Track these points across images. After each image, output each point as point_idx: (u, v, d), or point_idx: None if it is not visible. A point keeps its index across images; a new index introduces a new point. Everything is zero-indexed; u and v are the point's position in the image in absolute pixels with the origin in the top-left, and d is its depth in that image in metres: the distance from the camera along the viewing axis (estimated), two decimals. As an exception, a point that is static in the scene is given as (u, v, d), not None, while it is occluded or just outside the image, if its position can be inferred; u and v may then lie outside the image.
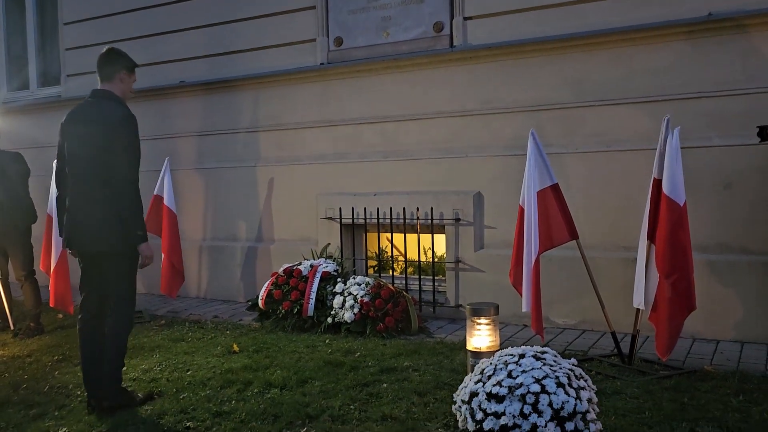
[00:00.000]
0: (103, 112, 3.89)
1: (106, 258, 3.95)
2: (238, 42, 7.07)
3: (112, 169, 3.80)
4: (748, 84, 4.89)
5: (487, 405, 2.93)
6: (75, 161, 3.95)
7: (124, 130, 3.83)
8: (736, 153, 4.92)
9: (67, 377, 4.60)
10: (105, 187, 3.83)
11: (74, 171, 3.95)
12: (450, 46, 6.00)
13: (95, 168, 3.84)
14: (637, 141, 5.21)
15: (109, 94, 3.99)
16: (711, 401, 3.65)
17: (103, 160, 3.81)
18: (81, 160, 3.92)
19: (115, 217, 3.83)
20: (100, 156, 3.82)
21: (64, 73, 8.44)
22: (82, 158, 3.91)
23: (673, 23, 5.05)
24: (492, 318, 3.88)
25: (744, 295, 4.88)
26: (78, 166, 3.93)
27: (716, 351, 4.68)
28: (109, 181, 3.82)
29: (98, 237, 3.89)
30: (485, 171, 5.85)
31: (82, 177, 3.91)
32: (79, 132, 3.93)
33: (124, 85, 4.06)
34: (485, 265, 5.83)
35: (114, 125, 3.82)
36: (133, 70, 4.12)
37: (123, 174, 3.80)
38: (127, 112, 3.89)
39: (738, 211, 4.94)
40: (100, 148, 3.82)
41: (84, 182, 3.90)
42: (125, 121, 3.85)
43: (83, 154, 3.90)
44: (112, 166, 3.80)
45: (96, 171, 3.84)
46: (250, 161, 7.09)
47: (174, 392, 4.17)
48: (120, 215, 3.82)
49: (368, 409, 3.75)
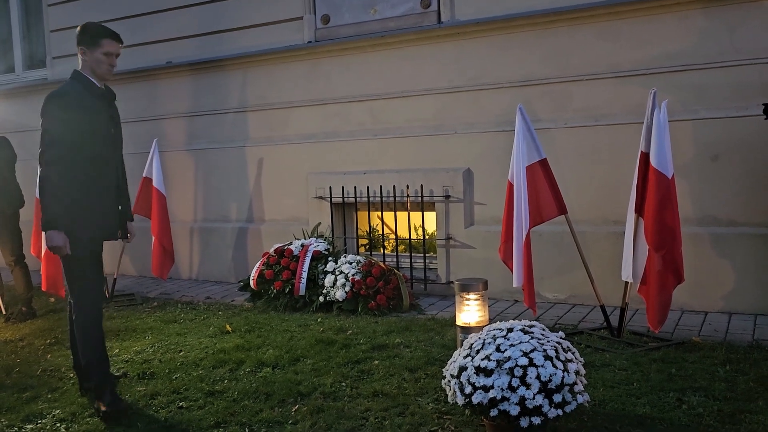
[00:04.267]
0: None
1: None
2: (226, 21, 7.00)
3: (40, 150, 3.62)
4: (735, 56, 4.89)
5: (475, 379, 2.95)
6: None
7: (43, 110, 3.60)
8: (723, 125, 4.93)
9: (59, 360, 4.61)
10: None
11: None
12: (437, 22, 5.97)
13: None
14: (624, 115, 5.21)
15: (71, 73, 3.77)
16: (698, 371, 3.69)
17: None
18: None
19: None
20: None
21: (50, 56, 8.36)
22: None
23: (660, -4, 5.03)
24: (481, 293, 3.90)
25: (732, 266, 4.91)
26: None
27: (704, 322, 4.73)
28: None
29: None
30: (474, 147, 5.85)
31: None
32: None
33: (86, 61, 3.71)
34: (476, 242, 5.85)
35: (42, 106, 3.63)
36: (92, 44, 3.69)
37: (40, 155, 3.58)
38: (55, 91, 3.65)
39: (725, 183, 4.96)
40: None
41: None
42: (46, 101, 3.61)
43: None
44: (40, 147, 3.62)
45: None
46: (240, 141, 7.07)
47: (167, 373, 4.19)
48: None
49: (359, 385, 3.77)
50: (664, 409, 3.25)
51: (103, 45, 3.69)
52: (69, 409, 3.70)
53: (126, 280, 7.37)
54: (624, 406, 3.31)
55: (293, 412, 3.47)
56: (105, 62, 3.71)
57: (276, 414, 3.47)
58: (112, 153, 3.81)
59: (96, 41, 3.70)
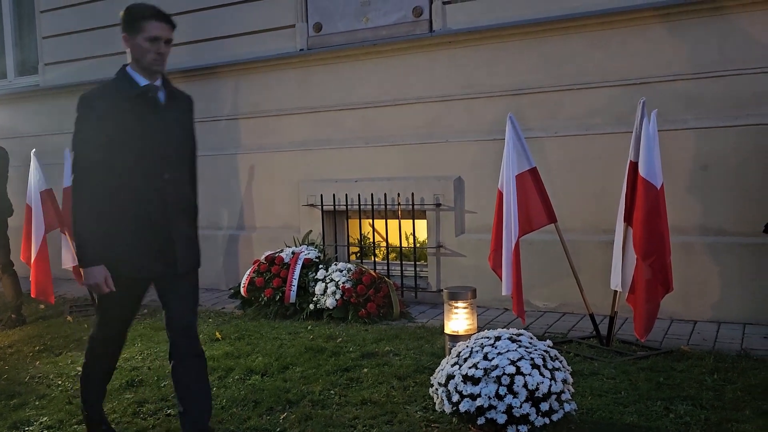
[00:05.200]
0: None
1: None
2: (218, 28, 7.01)
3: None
4: (725, 66, 4.92)
5: (463, 387, 2.95)
6: None
7: (76, 119, 2.95)
8: (713, 135, 4.96)
9: (47, 367, 4.59)
10: None
11: None
12: (429, 31, 5.99)
13: None
14: (615, 124, 5.23)
15: (118, 70, 3.09)
16: (686, 380, 3.70)
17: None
18: None
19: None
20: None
21: (42, 62, 8.35)
22: None
23: (650, 6, 5.06)
24: (469, 302, 3.91)
25: (721, 276, 4.93)
26: None
27: (693, 331, 4.74)
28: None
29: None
30: (466, 156, 5.86)
31: None
32: None
33: (131, 50, 3.02)
34: (466, 250, 5.86)
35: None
36: (133, 28, 3.00)
37: (72, 173, 2.98)
38: (84, 93, 2.96)
39: (714, 193, 4.98)
40: None
41: None
42: (76, 106, 2.96)
43: None
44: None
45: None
46: (231, 148, 7.07)
47: (155, 380, 4.18)
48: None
49: (348, 393, 3.77)
50: (651, 417, 3.26)
51: (146, 29, 2.97)
52: (57, 417, 3.68)
53: (117, 286, 7.33)
54: (611, 414, 3.31)
55: (281, 420, 3.47)
56: (150, 50, 2.95)
57: (264, 422, 3.46)
58: (164, 167, 3.00)
59: (138, 25, 2.99)
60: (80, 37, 7.93)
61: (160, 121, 3.00)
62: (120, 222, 2.95)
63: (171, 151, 3.05)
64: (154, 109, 3.00)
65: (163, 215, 3.01)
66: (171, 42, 3.05)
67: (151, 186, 2.97)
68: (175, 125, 3.09)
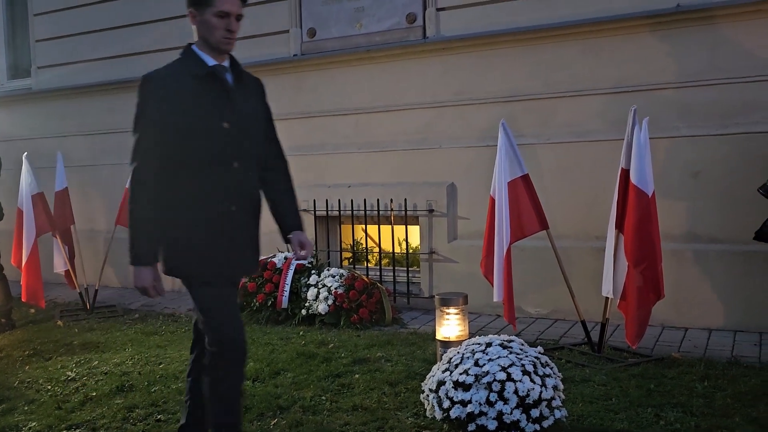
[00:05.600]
0: None
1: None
2: (211, 33, 7.00)
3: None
4: (716, 75, 4.95)
5: (454, 393, 2.96)
6: None
7: (136, 99, 2.70)
8: (704, 143, 4.98)
9: (37, 372, 4.56)
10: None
11: None
12: (423, 37, 6.01)
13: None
14: (607, 131, 5.25)
15: (183, 49, 2.82)
16: (677, 387, 3.71)
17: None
18: None
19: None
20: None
21: (35, 65, 8.33)
22: None
23: (641, 14, 5.09)
24: (461, 308, 3.91)
25: (712, 283, 4.95)
26: None
27: (684, 338, 4.75)
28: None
29: None
30: (458, 162, 5.87)
31: None
32: None
33: (197, 28, 2.74)
34: (459, 256, 5.86)
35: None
36: (201, 2, 2.68)
37: (130, 163, 2.69)
38: (146, 74, 2.73)
39: (705, 200, 5.00)
40: None
41: None
42: (138, 86, 2.72)
43: None
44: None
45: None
46: (224, 153, 7.04)
47: (146, 385, 4.16)
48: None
49: (339, 399, 3.76)
50: (641, 424, 3.26)
51: (215, 3, 2.66)
52: (45, 422, 3.66)
53: (108, 291, 7.30)
54: (602, 421, 3.31)
55: (272, 426, 3.46)
56: (219, 27, 2.67)
57: (255, 427, 3.45)
58: (234, 155, 2.73)
59: (199, 2, 2.68)
60: (73, 40, 7.92)
61: (229, 105, 2.72)
62: (189, 211, 2.67)
63: (241, 138, 2.74)
64: (224, 92, 2.73)
65: (235, 208, 2.74)
66: (241, 18, 2.73)
67: (217, 176, 2.69)
68: (245, 110, 2.78)
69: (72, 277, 6.39)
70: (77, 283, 6.41)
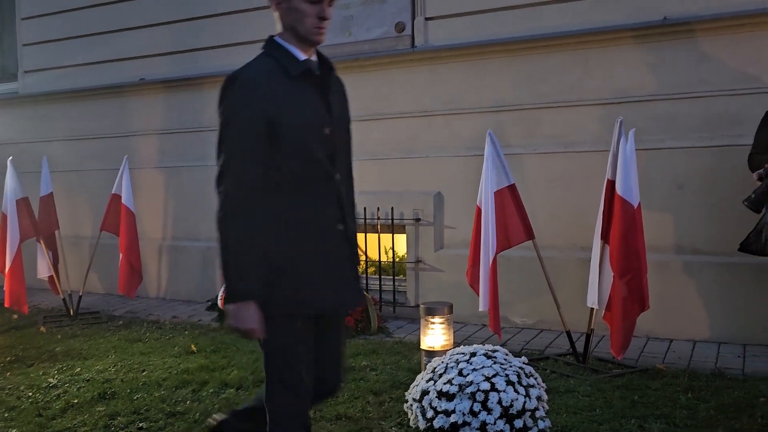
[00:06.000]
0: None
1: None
2: (202, 39, 6.99)
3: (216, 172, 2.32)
4: (701, 87, 4.98)
5: (437, 403, 2.94)
6: None
7: (219, 107, 2.30)
8: (689, 155, 5.01)
9: (18, 378, 4.51)
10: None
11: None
12: (411, 47, 6.02)
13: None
14: (593, 142, 5.28)
15: (264, 43, 2.39)
16: (660, 398, 3.72)
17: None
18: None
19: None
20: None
21: (22, 69, 8.28)
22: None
23: (628, 26, 5.13)
24: (445, 317, 3.90)
25: (696, 294, 4.97)
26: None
27: (669, 349, 4.77)
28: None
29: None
30: (446, 171, 5.88)
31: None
32: None
33: (282, 16, 2.31)
34: (445, 265, 5.86)
35: (218, 99, 2.31)
36: None
37: (216, 179, 2.32)
38: (233, 74, 2.26)
39: (690, 212, 5.03)
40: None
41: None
42: (222, 91, 2.28)
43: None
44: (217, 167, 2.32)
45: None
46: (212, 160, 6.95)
47: (128, 393, 4.12)
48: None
49: (323, 408, 3.74)
50: (625, 435, 3.27)
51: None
52: (26, 429, 3.63)
53: (92, 297, 7.25)
54: (586, 432, 3.32)
55: (255, 435, 3.43)
56: (311, 14, 2.27)
57: (237, 436, 3.42)
58: (333, 166, 2.36)
59: None
60: (61, 44, 7.88)
61: (326, 107, 2.33)
62: (292, 233, 2.26)
63: (340, 145, 2.40)
64: (321, 93, 2.34)
65: (340, 228, 2.36)
66: (333, 4, 2.34)
67: (323, 191, 2.32)
68: (339, 113, 2.40)
69: (56, 282, 6.34)
70: (61, 288, 6.36)
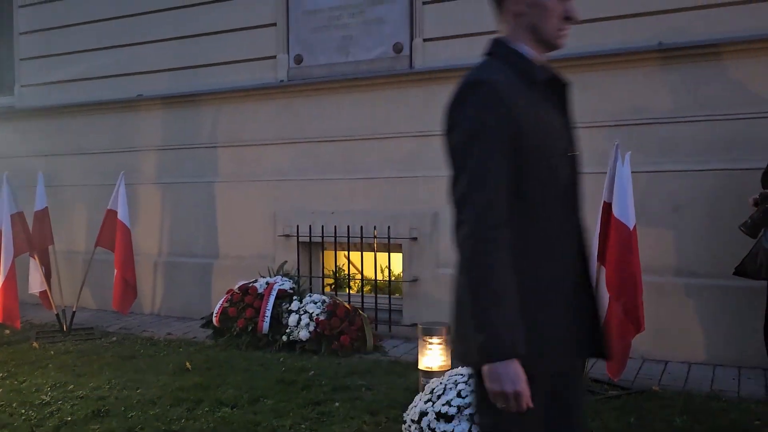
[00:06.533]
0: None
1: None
2: (199, 56, 7.03)
3: (453, 198, 1.83)
4: (698, 112, 5.03)
5: (436, 425, 2.94)
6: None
7: (452, 120, 1.89)
8: (686, 178, 5.05)
9: (11, 395, 4.48)
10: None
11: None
12: (409, 67, 6.07)
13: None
14: (590, 164, 5.23)
15: (490, 46, 2.00)
16: (656, 421, 3.72)
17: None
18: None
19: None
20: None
21: (18, 84, 8.28)
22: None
23: (625, 51, 5.19)
24: (444, 337, 3.90)
25: (692, 316, 4.99)
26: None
27: (665, 371, 4.78)
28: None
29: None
30: (442, 191, 5.81)
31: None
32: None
33: (518, 17, 1.93)
34: (441, 284, 5.86)
35: (446, 113, 1.91)
36: None
37: (456, 208, 1.81)
38: (469, 79, 1.86)
39: (686, 234, 5.06)
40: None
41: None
42: (456, 101, 1.88)
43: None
44: (453, 191, 1.84)
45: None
46: (209, 177, 7.04)
47: (122, 410, 4.10)
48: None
49: (319, 428, 3.73)
50: (622, 458, 3.26)
51: None
52: (18, 447, 3.60)
53: (85, 313, 7.20)
54: (583, 454, 3.30)
55: (250, 455, 3.41)
56: (556, 14, 1.90)
57: (233, 456, 3.41)
58: (575, 201, 2.01)
59: None
60: (58, 59, 7.90)
61: (566, 124, 1.99)
62: (544, 272, 1.86)
63: (578, 171, 2.00)
64: (562, 106, 1.98)
65: (583, 270, 2.00)
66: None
67: (567, 226, 1.96)
68: (573, 132, 2.02)
69: (49, 297, 6.31)
70: (54, 304, 6.33)
